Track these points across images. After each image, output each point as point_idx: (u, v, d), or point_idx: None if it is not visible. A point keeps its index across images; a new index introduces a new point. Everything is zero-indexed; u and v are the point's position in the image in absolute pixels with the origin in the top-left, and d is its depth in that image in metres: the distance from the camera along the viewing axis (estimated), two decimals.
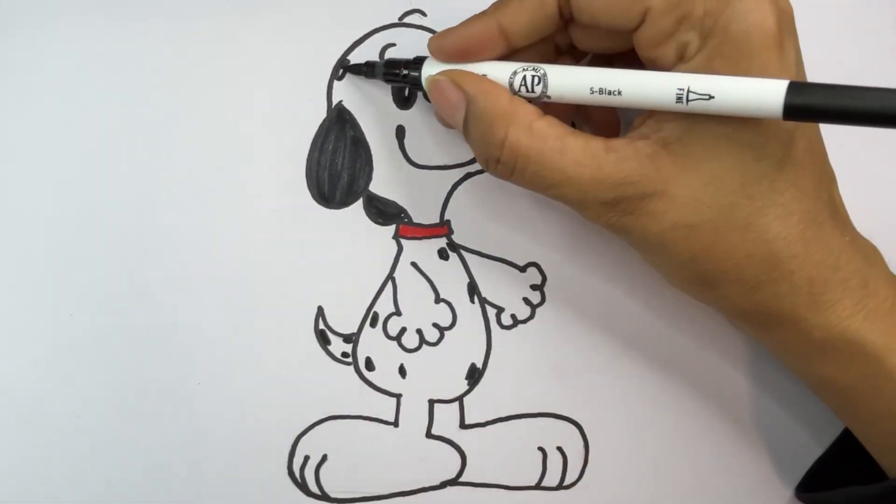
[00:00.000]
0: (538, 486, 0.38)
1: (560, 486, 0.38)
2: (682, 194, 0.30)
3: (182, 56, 0.38)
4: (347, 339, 0.38)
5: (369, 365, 0.38)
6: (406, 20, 0.39)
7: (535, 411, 0.38)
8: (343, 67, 0.38)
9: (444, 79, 0.33)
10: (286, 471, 0.37)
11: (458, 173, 0.38)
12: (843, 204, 0.34)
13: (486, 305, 0.38)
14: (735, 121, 0.29)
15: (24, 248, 0.37)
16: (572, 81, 0.31)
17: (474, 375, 0.38)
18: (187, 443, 0.37)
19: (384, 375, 0.38)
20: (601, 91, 0.30)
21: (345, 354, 0.38)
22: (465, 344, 0.38)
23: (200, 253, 0.38)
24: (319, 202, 0.38)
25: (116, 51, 0.38)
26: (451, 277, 0.38)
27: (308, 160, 0.38)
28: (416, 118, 0.38)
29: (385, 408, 0.38)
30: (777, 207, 0.30)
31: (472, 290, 0.38)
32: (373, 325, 0.38)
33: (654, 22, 0.30)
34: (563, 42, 0.35)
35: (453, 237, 0.38)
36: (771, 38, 0.29)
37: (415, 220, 0.38)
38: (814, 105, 0.27)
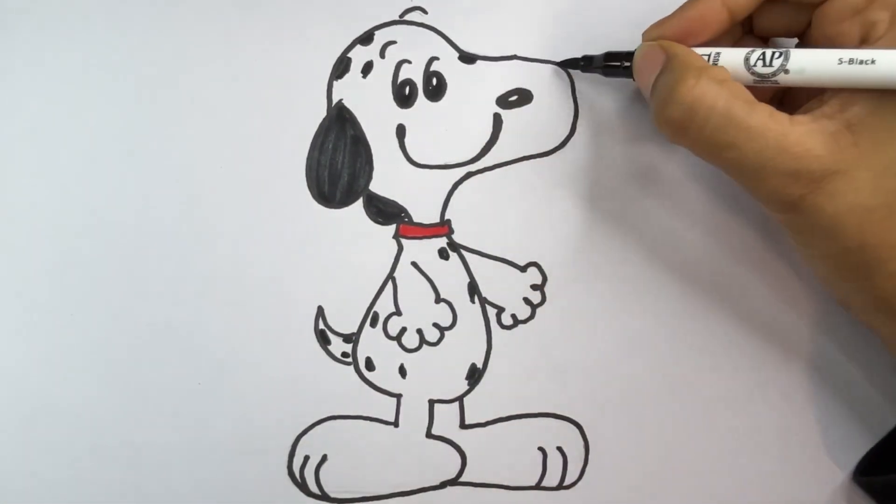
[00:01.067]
0: (538, 487, 0.38)
1: (560, 487, 0.38)
2: (862, 176, 0.30)
3: (182, 56, 0.38)
4: (347, 339, 0.38)
5: (369, 365, 0.38)
6: (407, 18, 0.39)
7: (535, 411, 0.38)
8: (557, 63, 0.38)
9: (653, 43, 0.33)
10: (286, 471, 0.37)
11: (458, 173, 0.38)
12: None
13: (486, 305, 0.38)
14: None
15: (25, 248, 0.37)
16: (817, 54, 0.31)
17: (474, 375, 0.38)
18: (187, 443, 0.37)
19: (384, 375, 0.38)
20: (851, 61, 0.30)
21: (345, 354, 0.38)
22: (465, 344, 0.38)
23: (200, 253, 0.38)
24: (319, 202, 0.38)
25: (116, 51, 0.38)
26: (451, 277, 0.38)
27: (308, 159, 0.38)
28: (416, 117, 0.38)
29: (385, 408, 0.38)
30: None
31: (473, 290, 0.38)
32: (373, 325, 0.38)
33: None
34: (739, 32, 0.35)
35: (454, 237, 0.38)
36: None
37: (415, 220, 0.38)
38: None
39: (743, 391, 0.38)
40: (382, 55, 0.39)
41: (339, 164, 0.38)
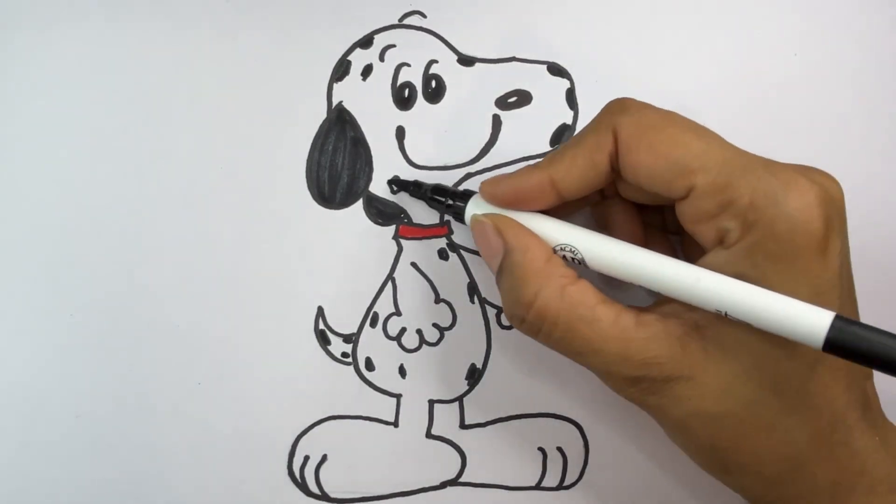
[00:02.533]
0: (538, 487, 0.38)
1: (560, 487, 0.38)
2: (708, 382, 0.29)
3: (182, 56, 0.38)
4: (347, 339, 0.38)
5: (369, 365, 0.38)
6: (406, 21, 0.39)
7: (535, 411, 0.38)
8: (390, 182, 0.38)
9: (488, 222, 0.33)
10: (286, 471, 0.37)
11: (458, 173, 0.38)
12: (876, 398, 0.32)
13: (486, 305, 0.38)
14: None
15: (25, 248, 0.37)
16: (611, 264, 0.31)
17: (474, 375, 0.38)
18: (187, 443, 0.37)
19: (384, 375, 0.38)
20: (639, 277, 0.30)
21: (345, 354, 0.38)
22: (465, 344, 0.38)
23: (200, 253, 0.38)
24: (319, 202, 0.38)
25: (116, 51, 0.38)
26: (451, 277, 0.38)
27: (308, 160, 0.38)
28: (416, 118, 0.38)
29: (385, 408, 0.38)
30: (806, 409, 0.29)
31: (472, 290, 0.38)
32: (373, 325, 0.38)
33: (697, 200, 0.29)
34: (609, 191, 0.34)
35: (453, 237, 0.38)
36: (815, 240, 0.28)
37: (415, 221, 0.38)
38: (857, 347, 0.26)
39: None
40: (382, 58, 0.39)
41: (339, 166, 0.38)
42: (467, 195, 0.35)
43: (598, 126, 0.31)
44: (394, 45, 0.39)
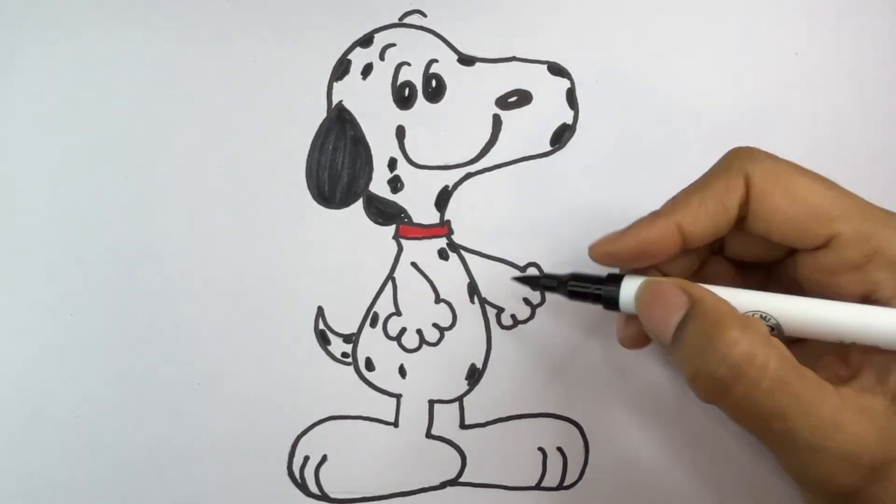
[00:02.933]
0: (538, 487, 0.38)
1: (560, 487, 0.38)
2: None
3: (182, 56, 0.38)
4: (347, 339, 0.38)
5: (369, 365, 0.38)
6: (406, 20, 0.39)
7: (535, 411, 0.38)
8: (514, 278, 0.36)
9: (668, 280, 0.29)
10: (286, 471, 0.37)
11: (458, 173, 0.38)
12: None
13: (486, 305, 0.38)
14: None
15: (25, 247, 0.37)
16: (818, 323, 0.28)
17: (474, 375, 0.38)
18: (187, 443, 0.37)
19: (384, 375, 0.38)
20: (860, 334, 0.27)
21: (345, 354, 0.38)
22: (465, 344, 0.38)
23: (200, 253, 0.38)
24: (319, 202, 0.38)
25: (116, 51, 0.38)
26: (451, 277, 0.38)
27: (308, 160, 0.38)
28: (416, 118, 0.38)
29: (385, 408, 0.38)
30: None
31: (472, 290, 0.38)
32: (373, 325, 0.38)
33: (841, 249, 0.27)
34: (713, 247, 0.32)
35: (453, 237, 0.38)
36: None
37: (415, 221, 0.38)
38: None
39: None
40: (382, 57, 0.39)
41: (339, 165, 0.38)
42: (616, 279, 0.31)
43: (727, 170, 0.29)
44: (394, 45, 0.39)
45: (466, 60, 0.39)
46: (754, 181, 0.28)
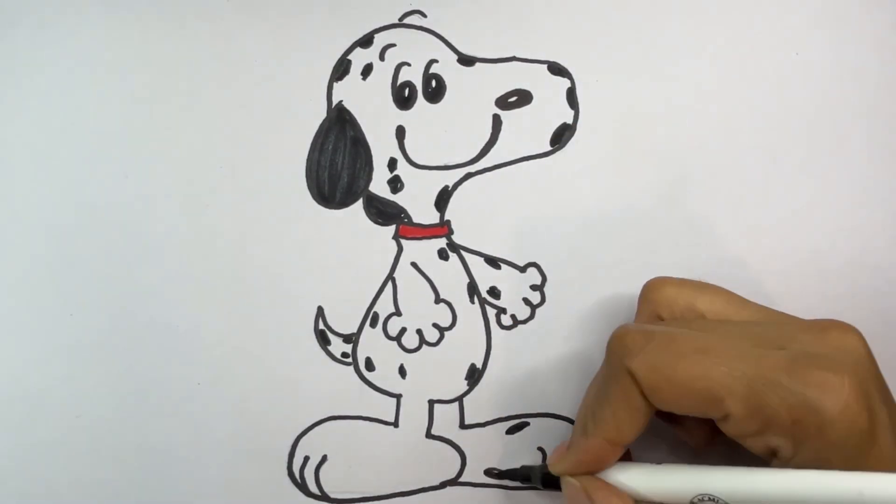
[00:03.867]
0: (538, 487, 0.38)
1: (560, 487, 0.38)
2: None
3: (182, 56, 0.38)
4: (347, 339, 0.38)
5: (369, 365, 0.38)
6: (406, 21, 0.39)
7: (535, 411, 0.38)
8: (494, 473, 0.37)
9: (577, 484, 0.32)
10: (286, 471, 0.37)
11: (458, 173, 0.38)
12: None
13: (486, 305, 0.38)
14: None
15: (25, 247, 0.37)
16: (764, 497, 0.29)
17: (474, 375, 0.38)
18: (187, 443, 0.37)
19: (384, 375, 0.38)
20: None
21: (345, 354, 0.38)
22: (465, 344, 0.38)
23: (200, 253, 0.38)
24: (319, 202, 0.38)
25: (116, 51, 0.38)
26: (451, 277, 0.38)
27: (308, 160, 0.38)
28: (416, 118, 0.38)
29: (385, 408, 0.38)
30: None
31: (472, 290, 0.38)
32: (373, 325, 0.38)
33: (737, 424, 0.29)
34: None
35: (453, 237, 0.38)
36: (866, 435, 0.27)
37: (415, 221, 0.38)
38: None
39: None
40: (382, 58, 0.39)
41: (338, 165, 0.38)
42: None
43: (616, 375, 0.30)
44: (394, 45, 0.39)
45: (466, 60, 0.39)
46: (639, 379, 0.30)
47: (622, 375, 0.30)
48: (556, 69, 0.39)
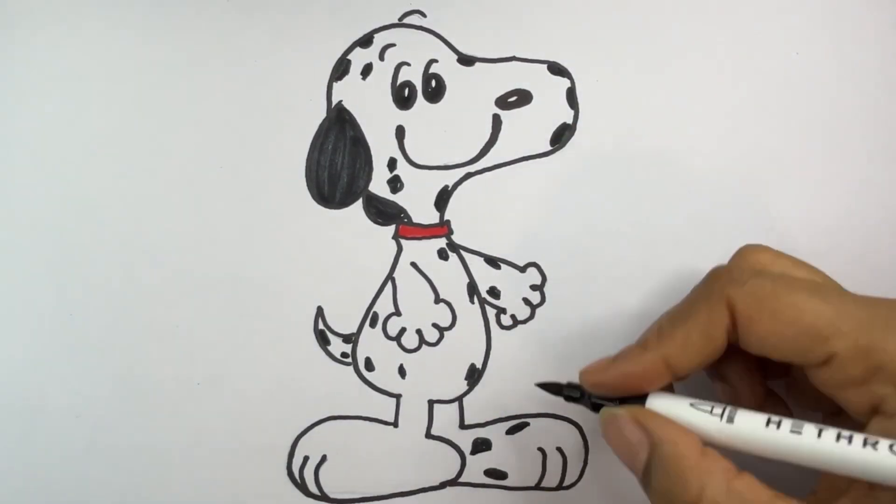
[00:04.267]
0: (538, 487, 0.38)
1: (560, 487, 0.38)
2: None
3: (182, 57, 0.38)
4: (347, 339, 0.38)
5: (369, 365, 0.38)
6: (406, 20, 0.39)
7: (535, 411, 0.38)
8: (539, 384, 0.34)
9: (624, 414, 0.29)
10: (286, 471, 0.37)
11: (457, 173, 0.38)
12: None
13: (485, 305, 0.38)
14: None
15: (24, 247, 0.37)
16: (762, 439, 0.27)
17: (474, 375, 0.38)
18: (187, 443, 0.37)
19: (384, 375, 0.38)
20: (841, 437, 0.26)
21: (344, 354, 0.38)
22: (465, 344, 0.38)
23: (200, 253, 0.38)
24: (319, 202, 0.38)
25: (116, 51, 0.38)
26: (451, 277, 0.38)
27: (308, 160, 0.38)
28: (416, 118, 0.38)
29: (385, 408, 0.38)
30: None
31: (472, 290, 0.38)
32: (372, 325, 0.38)
33: (841, 367, 0.27)
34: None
35: (453, 237, 0.38)
36: None
37: (414, 221, 0.38)
38: None
39: None
40: (382, 57, 0.39)
41: (338, 165, 0.38)
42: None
43: (708, 298, 0.29)
44: (394, 45, 0.39)
45: (466, 60, 0.39)
46: (738, 308, 0.28)
47: (717, 301, 0.28)
48: (556, 69, 0.39)
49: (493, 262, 0.38)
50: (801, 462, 0.27)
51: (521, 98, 0.39)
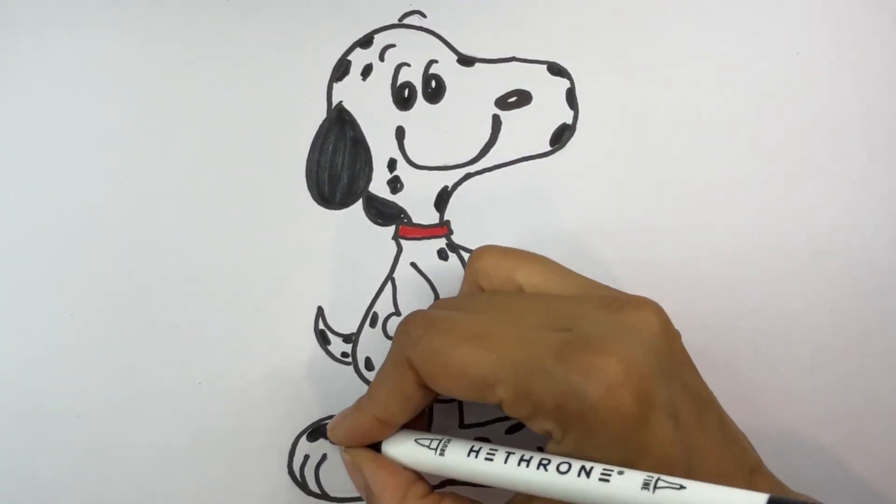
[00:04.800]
0: None
1: None
2: None
3: (182, 56, 0.38)
4: (347, 339, 0.38)
5: (369, 365, 0.38)
6: (406, 21, 0.39)
7: None
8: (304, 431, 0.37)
9: (349, 460, 0.33)
10: (286, 470, 0.37)
11: (458, 173, 0.38)
12: None
13: None
14: None
15: (24, 247, 0.37)
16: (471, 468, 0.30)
17: None
18: (187, 443, 0.37)
19: None
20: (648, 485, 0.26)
21: (345, 354, 0.38)
22: None
23: (200, 253, 0.38)
24: (319, 202, 0.38)
25: (116, 51, 0.38)
26: (450, 278, 0.38)
27: (308, 160, 0.38)
28: (415, 118, 0.38)
29: None
30: None
31: None
32: (372, 325, 0.38)
33: (512, 409, 0.28)
34: None
35: (453, 237, 0.38)
36: (632, 420, 0.26)
37: (414, 221, 0.38)
38: None
39: (741, 392, 0.38)
40: (382, 58, 0.39)
41: (338, 166, 0.38)
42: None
43: (395, 361, 0.31)
44: (394, 45, 0.39)
45: (466, 61, 0.39)
46: (417, 367, 0.30)
47: (401, 363, 0.30)
48: (556, 69, 0.39)
49: None
50: (498, 485, 0.29)
51: (520, 98, 0.39)
